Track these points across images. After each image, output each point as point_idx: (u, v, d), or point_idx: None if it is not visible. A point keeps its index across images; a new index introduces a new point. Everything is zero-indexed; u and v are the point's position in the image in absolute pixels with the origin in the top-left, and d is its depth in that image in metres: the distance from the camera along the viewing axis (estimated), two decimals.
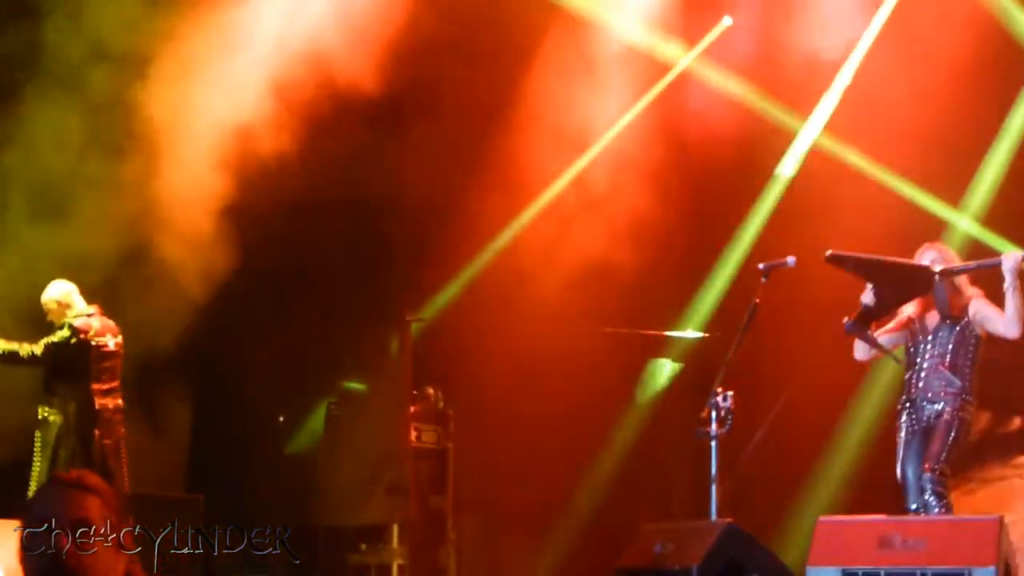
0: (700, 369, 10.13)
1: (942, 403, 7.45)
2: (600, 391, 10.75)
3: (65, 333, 8.74)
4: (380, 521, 10.25)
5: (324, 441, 10.94)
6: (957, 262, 7.61)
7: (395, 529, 10.15)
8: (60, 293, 8.89)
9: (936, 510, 7.22)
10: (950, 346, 7.50)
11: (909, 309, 7.69)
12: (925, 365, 7.55)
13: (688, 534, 6.57)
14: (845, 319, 7.45)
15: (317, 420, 11.06)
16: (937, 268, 7.45)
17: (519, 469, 10.85)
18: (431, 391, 10.68)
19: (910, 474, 7.47)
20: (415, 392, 10.52)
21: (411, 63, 10.08)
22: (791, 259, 7.31)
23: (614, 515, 10.07)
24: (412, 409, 10.42)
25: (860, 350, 7.73)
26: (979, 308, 7.50)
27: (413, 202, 10.67)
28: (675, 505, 10.83)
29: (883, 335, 7.70)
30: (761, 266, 7.38)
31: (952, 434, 7.38)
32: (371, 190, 10.33)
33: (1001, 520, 6.16)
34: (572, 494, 10.78)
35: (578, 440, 10.65)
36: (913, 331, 7.66)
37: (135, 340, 9.08)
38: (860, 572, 6.09)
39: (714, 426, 6.93)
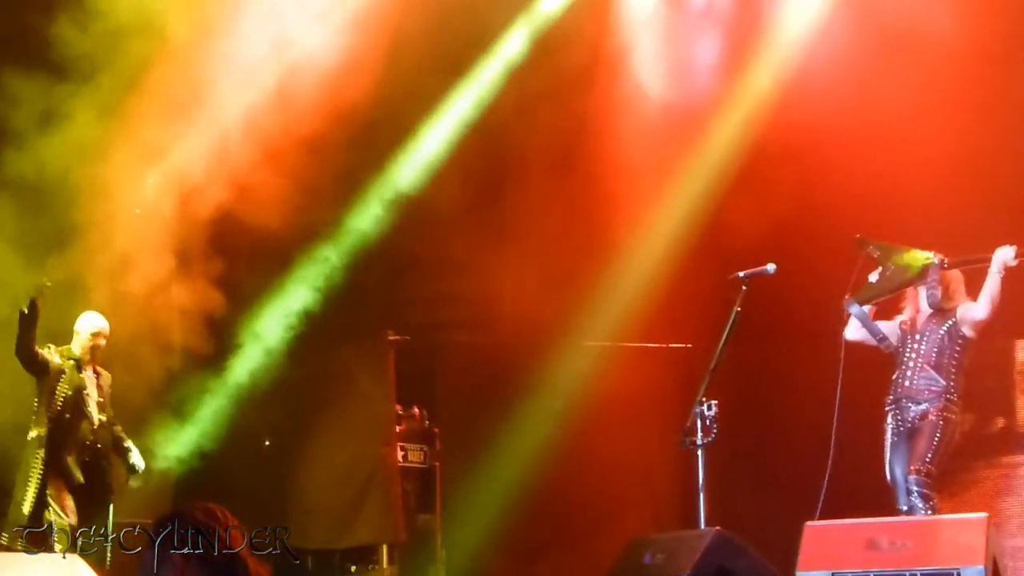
0: (685, 379, 10.13)
1: (926, 403, 7.50)
2: (588, 405, 10.73)
3: None
4: (369, 542, 10.22)
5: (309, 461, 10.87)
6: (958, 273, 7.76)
7: (384, 549, 10.12)
8: None
9: (922, 511, 7.25)
10: (936, 347, 7.57)
11: (905, 315, 7.80)
12: (911, 365, 7.61)
13: (677, 543, 6.58)
14: (846, 296, 7.61)
15: None
16: (938, 258, 7.64)
17: (507, 485, 10.82)
18: (416, 410, 10.66)
19: (898, 475, 7.51)
20: (400, 411, 10.50)
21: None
22: (771, 266, 7.36)
23: (605, 528, 10.04)
24: (398, 428, 10.40)
25: (852, 328, 7.82)
26: (966, 307, 7.59)
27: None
28: (664, 515, 10.82)
29: (878, 322, 7.82)
30: (741, 274, 7.41)
31: (938, 435, 7.42)
32: None
33: (988, 519, 6.19)
34: (562, 508, 10.75)
35: (567, 455, 10.63)
36: (904, 332, 7.73)
37: None
38: None
39: (700, 435, 6.97)
